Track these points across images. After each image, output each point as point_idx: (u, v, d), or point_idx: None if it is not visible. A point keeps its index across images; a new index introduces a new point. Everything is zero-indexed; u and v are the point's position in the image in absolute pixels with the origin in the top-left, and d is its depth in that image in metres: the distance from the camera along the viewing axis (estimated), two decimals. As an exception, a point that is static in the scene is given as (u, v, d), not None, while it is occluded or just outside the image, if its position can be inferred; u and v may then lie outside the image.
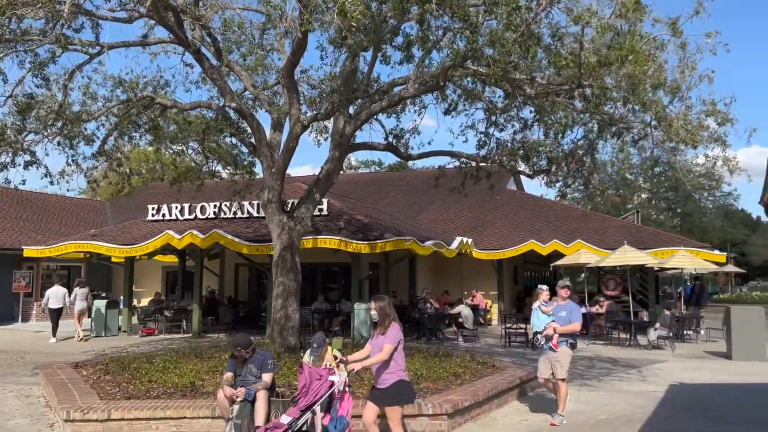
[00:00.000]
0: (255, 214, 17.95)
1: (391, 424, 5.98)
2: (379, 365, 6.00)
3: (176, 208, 19.04)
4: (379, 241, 15.46)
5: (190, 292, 18.98)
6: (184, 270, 20.70)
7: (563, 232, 21.88)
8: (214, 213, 18.52)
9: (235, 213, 18.29)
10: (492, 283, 22.67)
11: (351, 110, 11.89)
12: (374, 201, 27.17)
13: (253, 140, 12.29)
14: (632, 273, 18.81)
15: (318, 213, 16.61)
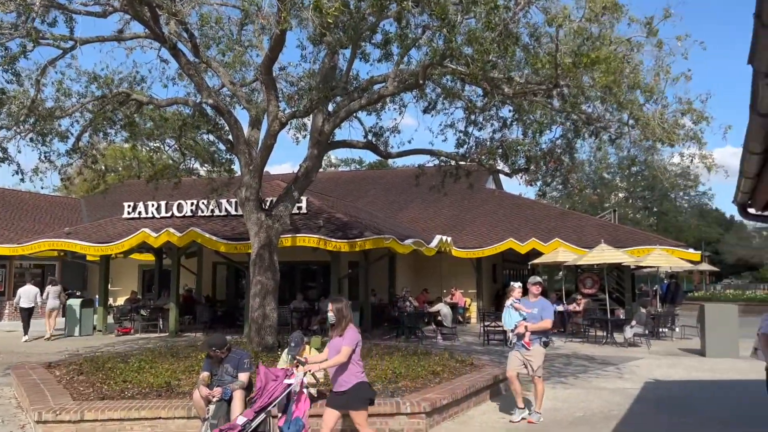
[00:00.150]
0: (233, 212, 17.82)
1: (358, 428, 5.90)
2: (337, 368, 5.89)
3: (153, 205, 18.82)
4: (358, 240, 15.45)
5: (167, 291, 18.77)
6: (160, 268, 20.46)
7: (541, 230, 22.04)
8: (192, 211, 18.33)
9: (213, 211, 18.14)
10: (471, 281, 22.79)
11: (330, 108, 11.84)
12: (354, 199, 27.12)
13: (231, 137, 12.16)
14: (609, 271, 19.02)
15: (297, 211, 16.55)
